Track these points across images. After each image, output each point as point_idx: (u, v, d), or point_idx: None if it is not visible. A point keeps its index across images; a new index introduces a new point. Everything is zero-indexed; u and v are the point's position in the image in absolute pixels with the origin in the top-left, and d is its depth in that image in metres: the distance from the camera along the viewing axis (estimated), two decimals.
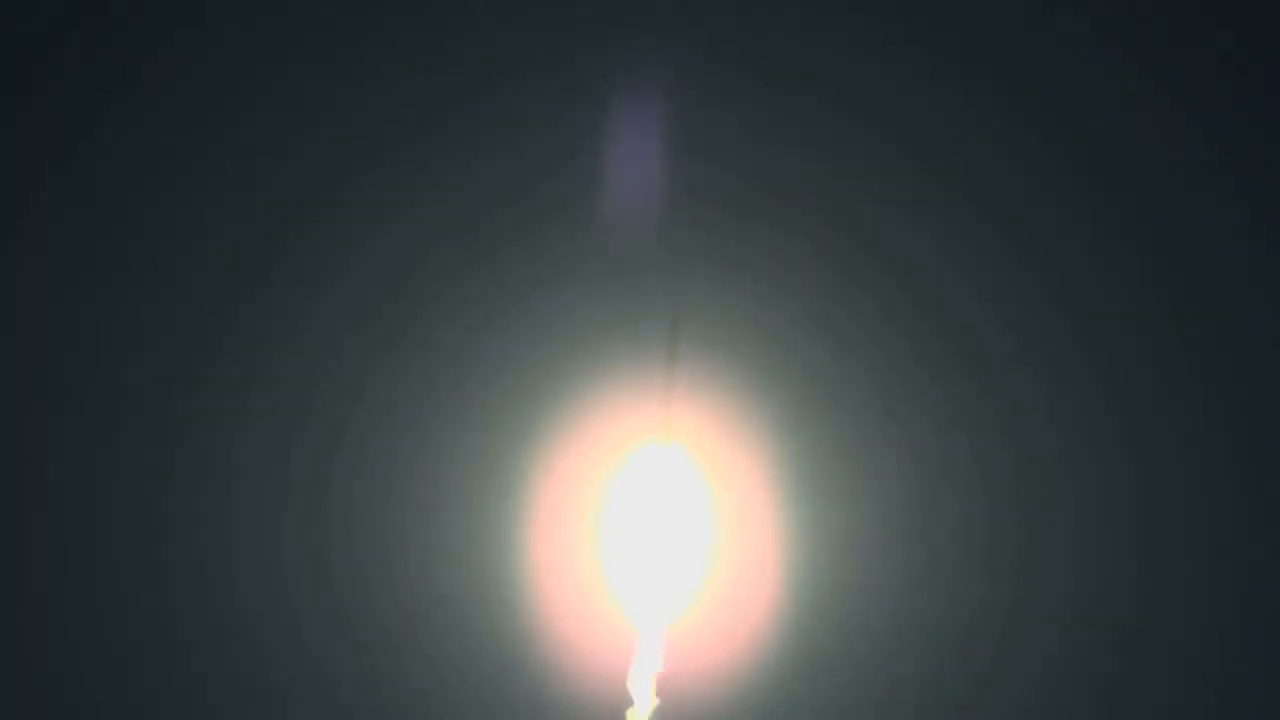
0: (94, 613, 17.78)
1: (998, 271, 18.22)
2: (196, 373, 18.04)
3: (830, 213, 18.14)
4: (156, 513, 17.87)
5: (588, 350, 17.90)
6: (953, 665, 17.95)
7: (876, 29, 18.11)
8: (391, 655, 17.79)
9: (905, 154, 18.19)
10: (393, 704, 17.77)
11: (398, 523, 17.93)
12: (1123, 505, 18.28)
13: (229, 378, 17.99)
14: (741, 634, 17.54)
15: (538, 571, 17.65)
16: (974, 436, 18.19)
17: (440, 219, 18.15)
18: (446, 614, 17.83)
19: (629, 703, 15.72)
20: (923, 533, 18.02)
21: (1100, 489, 18.28)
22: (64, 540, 17.78)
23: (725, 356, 17.82)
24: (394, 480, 17.97)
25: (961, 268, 18.17)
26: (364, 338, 18.16)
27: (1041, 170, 18.21)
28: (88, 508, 17.85)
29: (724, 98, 18.14)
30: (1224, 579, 18.15)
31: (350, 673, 17.81)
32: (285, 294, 18.04)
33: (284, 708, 17.65)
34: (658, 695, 15.68)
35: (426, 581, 17.86)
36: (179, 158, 18.20)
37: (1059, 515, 18.19)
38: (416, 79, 18.26)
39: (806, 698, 17.68)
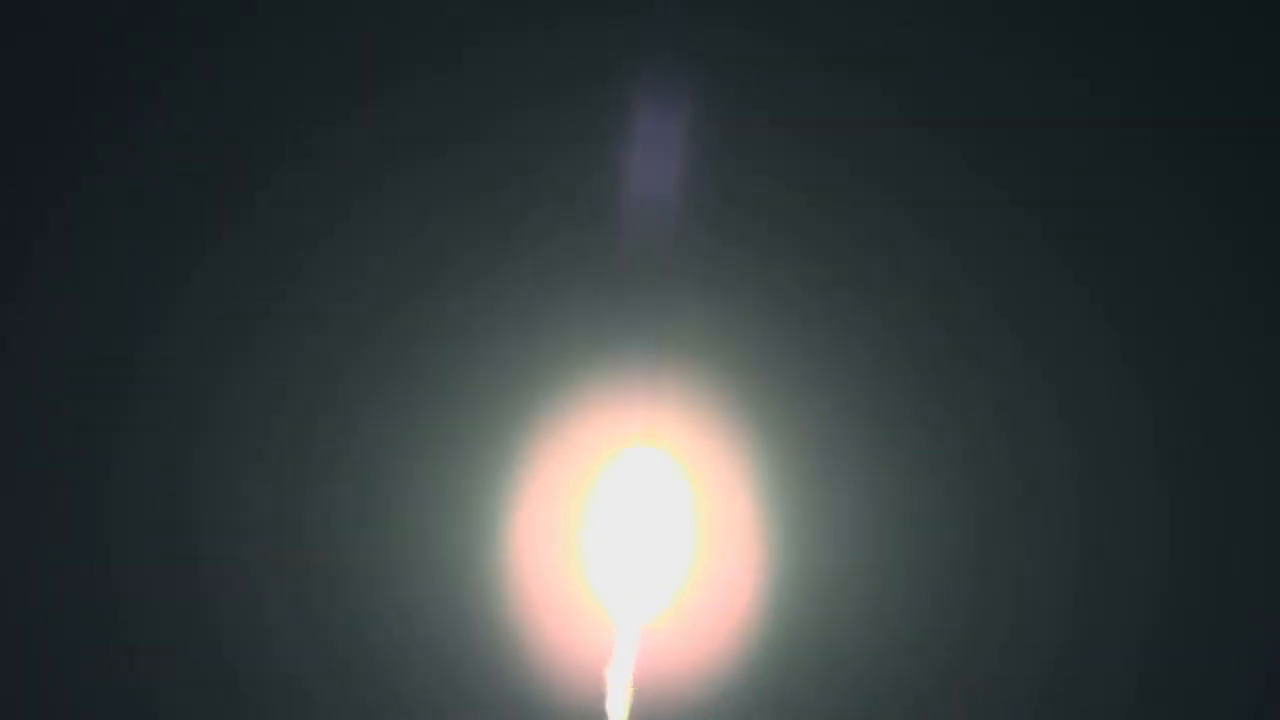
0: (103, 609, 17.91)
1: (1003, 285, 18.23)
2: (207, 378, 18.15)
3: (836, 226, 18.17)
4: (161, 512, 18.02)
5: (585, 352, 17.96)
6: (939, 663, 18.02)
7: (912, 46, 18.05)
8: (372, 654, 17.92)
9: (929, 168, 18.16)
10: (371, 701, 17.90)
11: (379, 522, 18.05)
12: (1127, 507, 18.31)
13: (242, 378, 18.09)
14: (721, 633, 17.66)
15: (521, 571, 17.78)
16: (967, 439, 18.22)
17: (451, 223, 18.22)
18: (431, 612, 17.95)
19: (607, 701, 15.88)
20: (907, 533, 18.09)
21: (1100, 492, 18.30)
22: (75, 538, 17.93)
23: (714, 361, 17.88)
24: (376, 479, 18.09)
25: (970, 282, 18.18)
26: (350, 336, 18.25)
27: (1048, 220, 18.17)
28: (103, 509, 17.99)
29: (747, 106, 18.18)
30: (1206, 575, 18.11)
31: (334, 669, 17.95)
32: (291, 298, 18.13)
33: (249, 708, 17.77)
34: (635, 693, 15.86)
35: (410, 580, 17.97)
36: (190, 164, 18.28)
37: (1053, 517, 18.21)
38: (435, 87, 18.31)
39: (787, 696, 17.80)
